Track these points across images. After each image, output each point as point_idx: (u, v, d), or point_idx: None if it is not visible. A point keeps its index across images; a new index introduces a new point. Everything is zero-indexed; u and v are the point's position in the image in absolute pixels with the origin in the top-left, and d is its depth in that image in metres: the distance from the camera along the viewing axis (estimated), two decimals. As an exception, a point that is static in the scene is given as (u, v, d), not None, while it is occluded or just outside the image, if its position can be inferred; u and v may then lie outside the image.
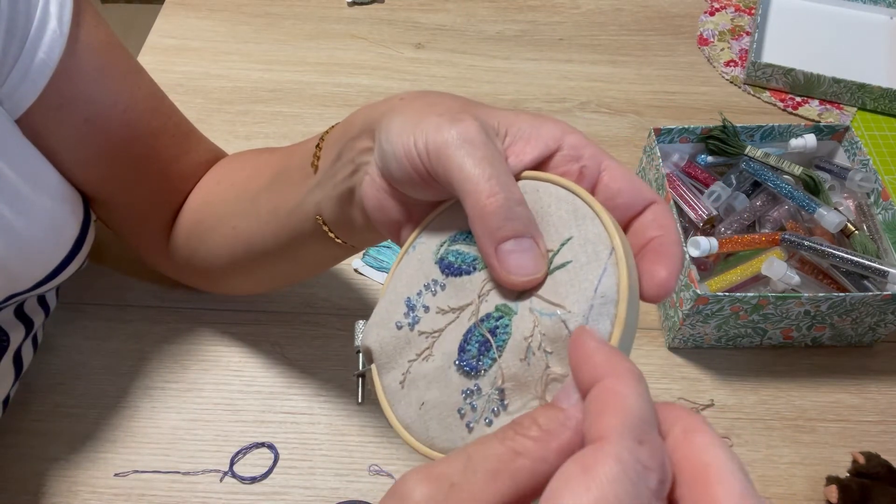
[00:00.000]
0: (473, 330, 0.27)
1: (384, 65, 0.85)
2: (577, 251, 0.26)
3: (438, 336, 0.29)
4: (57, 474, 0.53)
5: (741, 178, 0.66)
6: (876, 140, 0.79)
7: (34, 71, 0.41)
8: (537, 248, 0.27)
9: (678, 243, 0.27)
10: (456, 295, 0.29)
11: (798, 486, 0.54)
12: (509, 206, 0.27)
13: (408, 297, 0.30)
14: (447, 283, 0.29)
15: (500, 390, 0.26)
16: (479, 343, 0.27)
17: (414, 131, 0.30)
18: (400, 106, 0.32)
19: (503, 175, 0.27)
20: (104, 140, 0.47)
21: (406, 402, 0.29)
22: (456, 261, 0.30)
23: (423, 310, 0.30)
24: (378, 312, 0.31)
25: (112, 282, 0.64)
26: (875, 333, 0.60)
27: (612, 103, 0.82)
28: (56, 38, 0.42)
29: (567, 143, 0.29)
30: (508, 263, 0.27)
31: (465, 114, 0.29)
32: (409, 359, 0.29)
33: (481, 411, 0.26)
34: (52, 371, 0.58)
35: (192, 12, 0.91)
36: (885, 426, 0.57)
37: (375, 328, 0.31)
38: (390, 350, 0.30)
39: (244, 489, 0.53)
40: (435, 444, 0.27)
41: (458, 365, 0.27)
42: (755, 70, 0.82)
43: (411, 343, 0.29)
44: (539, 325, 0.26)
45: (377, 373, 0.30)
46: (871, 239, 0.61)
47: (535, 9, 0.93)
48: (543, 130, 0.29)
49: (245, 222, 0.47)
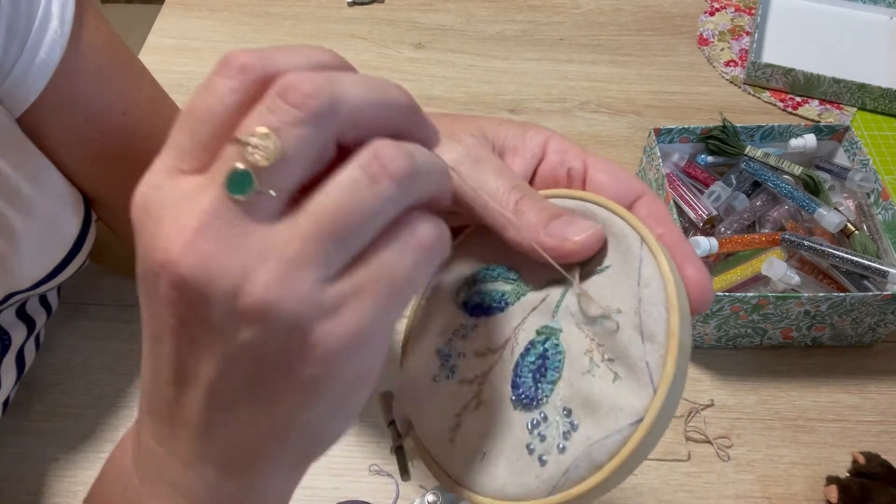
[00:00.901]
0: (522, 361, 0.26)
1: (384, 65, 0.85)
2: (613, 253, 0.26)
3: (485, 381, 0.27)
4: (57, 474, 0.53)
5: (741, 178, 0.66)
6: (876, 140, 0.79)
7: (35, 70, 0.41)
8: (579, 219, 0.26)
9: (684, 238, 0.26)
10: (493, 335, 0.27)
11: (798, 486, 0.54)
12: (539, 199, 0.26)
13: (438, 348, 0.28)
14: (479, 323, 0.28)
15: (567, 410, 0.25)
16: (532, 372, 0.26)
17: None
18: None
19: (518, 179, 0.27)
20: (103, 140, 0.47)
21: (462, 458, 0.26)
22: (484, 301, 0.28)
23: (459, 357, 0.28)
24: (406, 374, 0.29)
25: (112, 282, 0.64)
26: (875, 333, 0.60)
27: (612, 103, 0.82)
28: (57, 38, 0.42)
29: (551, 148, 0.29)
30: (564, 232, 0.25)
31: (459, 133, 0.29)
32: (455, 412, 0.27)
33: (552, 439, 0.25)
34: (52, 371, 0.58)
35: (192, 12, 0.91)
36: (885, 426, 0.57)
37: (409, 389, 0.28)
38: (431, 409, 0.28)
39: (244, 489, 0.53)
40: (507, 492, 0.25)
41: (514, 401, 0.26)
42: (755, 70, 0.82)
43: (455, 395, 0.27)
44: (594, 336, 0.25)
45: (419, 439, 0.28)
46: (871, 239, 0.61)
47: (535, 9, 0.93)
48: (528, 140, 0.29)
49: None
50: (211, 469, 0.23)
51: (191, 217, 0.19)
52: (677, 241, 0.26)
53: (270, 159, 0.19)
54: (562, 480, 0.24)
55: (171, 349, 0.21)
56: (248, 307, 0.19)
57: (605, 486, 0.24)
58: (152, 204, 0.20)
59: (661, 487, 0.54)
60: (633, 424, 0.23)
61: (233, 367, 0.20)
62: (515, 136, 0.29)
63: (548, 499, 0.24)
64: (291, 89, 0.19)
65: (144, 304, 0.21)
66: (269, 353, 0.20)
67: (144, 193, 0.20)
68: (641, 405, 0.23)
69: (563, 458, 0.24)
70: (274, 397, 0.21)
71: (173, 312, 0.20)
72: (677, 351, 0.23)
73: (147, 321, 0.22)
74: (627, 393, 0.24)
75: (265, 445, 0.22)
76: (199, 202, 0.19)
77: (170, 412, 0.22)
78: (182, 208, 0.19)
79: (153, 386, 0.22)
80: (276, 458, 0.22)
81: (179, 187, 0.20)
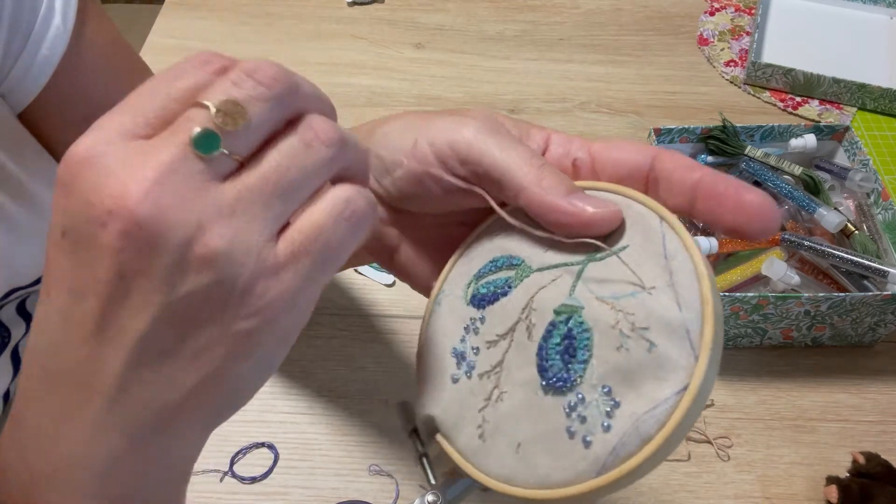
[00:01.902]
0: (546, 344, 0.25)
1: (384, 65, 0.85)
2: (630, 233, 0.25)
3: (500, 370, 0.26)
4: (57, 474, 0.53)
5: (741, 178, 0.66)
6: (876, 140, 0.79)
7: (37, 67, 0.41)
8: (595, 197, 0.26)
9: (723, 174, 0.25)
10: (500, 321, 0.27)
11: (798, 486, 0.54)
12: (558, 171, 0.26)
13: (453, 347, 0.28)
14: (485, 314, 0.28)
15: (606, 388, 0.24)
16: (559, 353, 0.25)
17: (426, 134, 0.28)
18: (395, 119, 0.31)
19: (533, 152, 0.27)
20: None
21: (496, 453, 0.26)
22: (488, 290, 0.28)
23: (473, 352, 0.27)
24: (425, 379, 0.29)
25: (112, 282, 0.64)
26: (875, 333, 0.60)
27: (612, 103, 0.82)
28: (60, 35, 0.42)
29: (553, 141, 0.29)
30: (584, 202, 0.25)
31: (472, 113, 0.29)
32: (479, 407, 0.26)
33: (594, 419, 0.24)
34: (52, 371, 0.58)
35: (192, 12, 0.91)
36: (884, 426, 0.57)
37: (430, 393, 0.28)
38: (455, 409, 0.27)
39: (244, 489, 0.53)
40: (552, 479, 0.24)
41: (545, 386, 0.25)
42: (755, 70, 0.82)
43: (475, 391, 0.27)
44: (621, 308, 0.24)
45: (447, 441, 0.27)
46: (871, 239, 0.61)
47: (535, 9, 0.93)
48: (532, 136, 0.29)
49: None
50: (118, 435, 0.22)
51: (149, 169, 0.20)
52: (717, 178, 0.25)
53: (237, 125, 0.21)
54: (609, 459, 0.23)
55: (98, 303, 0.21)
56: (200, 255, 0.20)
57: (655, 458, 0.23)
58: (99, 156, 0.20)
59: (660, 487, 0.54)
60: (679, 392, 0.23)
61: (168, 318, 0.21)
62: (519, 129, 0.29)
63: (597, 479, 0.24)
64: (260, 71, 0.22)
65: (66, 258, 0.21)
66: (211, 302, 0.21)
67: (89, 147, 0.21)
68: (685, 373, 0.23)
69: (608, 436, 0.24)
70: (204, 351, 0.21)
71: (114, 262, 0.20)
72: (713, 317, 0.23)
73: (63, 276, 0.21)
74: (668, 362, 0.23)
75: (184, 403, 0.22)
76: (158, 156, 0.20)
77: (78, 374, 0.22)
78: (137, 161, 0.20)
79: (61, 348, 0.22)
80: (192, 417, 0.23)
81: (133, 146, 0.21)
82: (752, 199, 0.24)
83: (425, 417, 0.28)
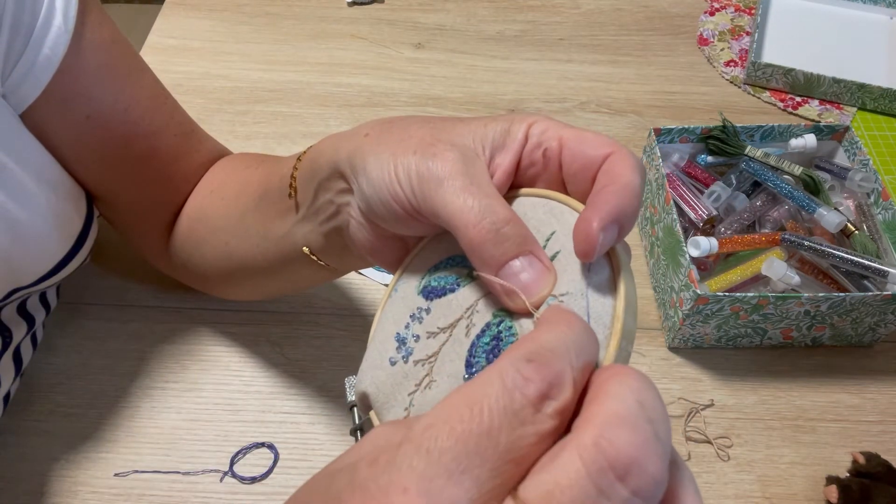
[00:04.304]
0: (477, 342, 0.27)
1: (384, 65, 0.85)
2: (563, 241, 0.27)
3: (435, 360, 0.28)
4: (57, 474, 0.53)
5: (741, 178, 0.66)
6: (876, 140, 0.79)
7: (38, 67, 0.42)
8: (538, 262, 0.26)
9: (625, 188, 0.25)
10: (443, 315, 0.28)
11: (798, 486, 0.54)
12: (497, 230, 0.26)
13: (397, 332, 0.30)
14: (432, 306, 0.29)
15: None
16: (486, 352, 0.26)
17: (395, 173, 0.29)
18: (368, 144, 0.31)
19: (486, 199, 0.27)
20: (104, 138, 0.47)
21: None
22: (438, 284, 0.29)
23: (413, 340, 0.29)
24: (368, 358, 0.30)
25: (112, 282, 0.64)
26: (875, 333, 0.60)
27: (612, 103, 0.82)
28: (61, 35, 0.42)
29: (532, 132, 0.29)
30: (513, 284, 0.26)
31: (440, 144, 0.29)
32: (409, 391, 0.28)
33: None
34: (52, 371, 0.58)
35: (192, 12, 0.91)
36: (884, 426, 0.57)
37: (368, 371, 0.30)
38: (388, 389, 0.29)
39: (244, 489, 0.53)
40: None
41: (466, 379, 0.26)
42: (755, 70, 0.82)
43: (408, 376, 0.28)
44: (538, 316, 0.25)
45: (377, 417, 0.29)
46: (871, 239, 0.61)
47: (535, 9, 0.93)
48: (513, 131, 0.29)
49: (235, 240, 0.47)
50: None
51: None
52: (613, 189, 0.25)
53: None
54: None
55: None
56: None
57: None
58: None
59: (661, 487, 0.54)
60: None
61: None
62: (502, 132, 0.29)
63: None
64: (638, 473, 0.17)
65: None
66: None
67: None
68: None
69: None
70: None
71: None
72: (620, 335, 0.24)
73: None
74: None
75: None
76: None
77: None
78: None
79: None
80: None
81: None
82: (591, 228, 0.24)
83: (361, 394, 0.30)
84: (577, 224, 0.25)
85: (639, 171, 0.26)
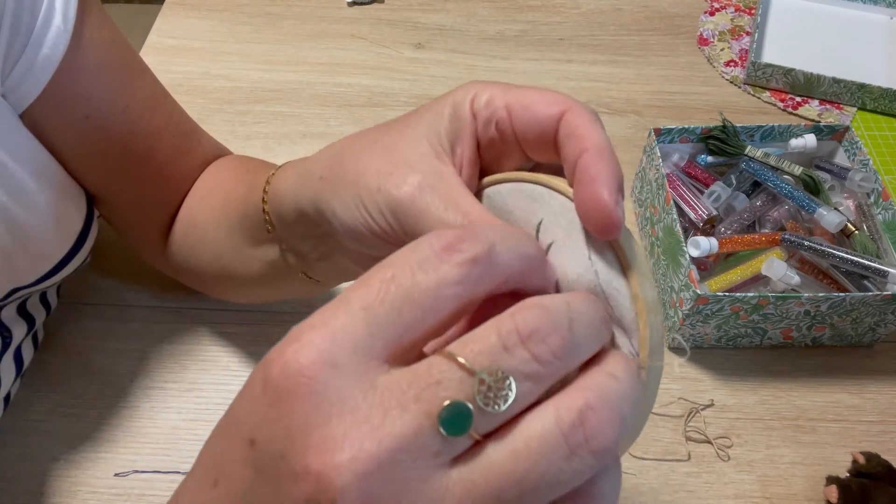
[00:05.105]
0: None
1: (384, 65, 0.85)
2: (553, 229, 0.25)
3: None
4: (57, 474, 0.53)
5: (741, 178, 0.66)
6: (876, 140, 0.79)
7: (38, 66, 0.41)
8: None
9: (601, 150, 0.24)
10: None
11: (798, 486, 0.54)
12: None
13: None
14: None
15: None
16: None
17: (366, 213, 0.28)
18: (327, 189, 0.30)
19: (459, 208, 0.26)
20: (103, 138, 0.47)
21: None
22: None
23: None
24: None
25: (112, 282, 0.64)
26: (875, 333, 0.60)
27: (612, 103, 0.82)
28: (60, 34, 0.42)
29: (478, 107, 0.27)
30: None
31: (398, 171, 0.27)
32: None
33: None
34: (52, 371, 0.58)
35: (192, 12, 0.91)
36: (885, 426, 0.57)
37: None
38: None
39: (244, 489, 0.53)
40: None
41: None
42: (755, 70, 0.82)
43: None
44: None
45: None
46: (871, 239, 0.61)
47: (535, 9, 0.93)
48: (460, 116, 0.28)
49: (227, 255, 0.47)
50: None
51: (373, 440, 0.16)
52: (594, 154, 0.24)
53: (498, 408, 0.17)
54: None
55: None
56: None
57: None
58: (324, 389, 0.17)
59: (660, 487, 0.54)
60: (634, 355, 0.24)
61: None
62: (451, 117, 0.28)
63: None
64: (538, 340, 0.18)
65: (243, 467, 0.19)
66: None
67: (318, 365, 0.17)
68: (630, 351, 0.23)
69: None
70: None
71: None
72: (645, 312, 0.23)
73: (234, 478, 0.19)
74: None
75: None
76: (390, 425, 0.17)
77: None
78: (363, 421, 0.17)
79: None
80: None
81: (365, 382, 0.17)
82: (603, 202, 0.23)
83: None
84: (588, 203, 0.23)
85: (600, 123, 0.25)
